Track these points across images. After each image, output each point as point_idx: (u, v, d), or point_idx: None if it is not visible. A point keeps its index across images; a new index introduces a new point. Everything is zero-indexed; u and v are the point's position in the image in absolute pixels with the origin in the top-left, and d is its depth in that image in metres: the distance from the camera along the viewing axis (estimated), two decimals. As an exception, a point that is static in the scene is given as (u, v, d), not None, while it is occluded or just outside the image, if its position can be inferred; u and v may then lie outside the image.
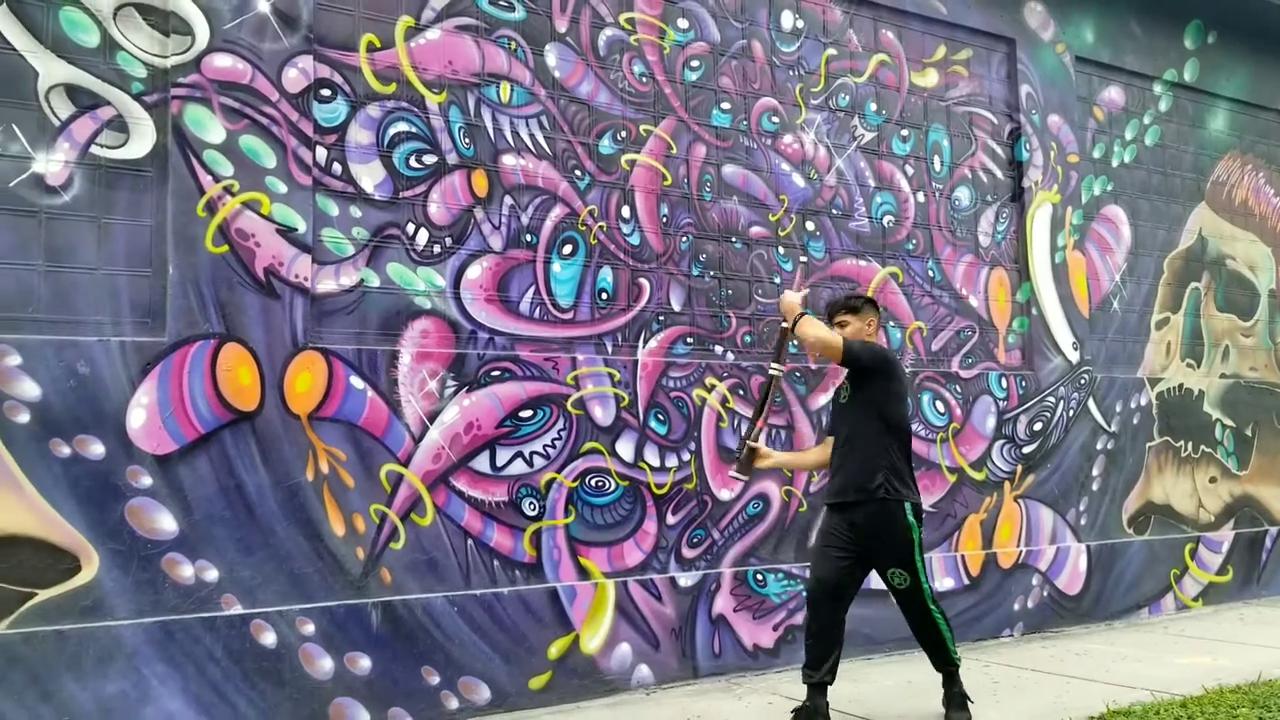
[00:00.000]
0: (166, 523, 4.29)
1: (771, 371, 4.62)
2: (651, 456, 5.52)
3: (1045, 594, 6.88)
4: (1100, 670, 5.66)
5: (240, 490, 4.45)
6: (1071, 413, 7.22)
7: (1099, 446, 7.36)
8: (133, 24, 4.44)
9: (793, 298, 4.56)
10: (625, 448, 5.45)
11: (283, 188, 4.66)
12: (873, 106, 6.63)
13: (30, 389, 4.08)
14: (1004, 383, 6.91)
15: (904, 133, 6.76)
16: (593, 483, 5.33)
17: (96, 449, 4.18)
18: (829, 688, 4.49)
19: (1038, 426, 7.04)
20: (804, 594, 5.06)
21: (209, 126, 4.51)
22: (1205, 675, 5.33)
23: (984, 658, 6.04)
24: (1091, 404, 7.34)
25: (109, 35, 4.39)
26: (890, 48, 6.74)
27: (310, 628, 4.51)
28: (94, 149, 4.34)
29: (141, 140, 4.43)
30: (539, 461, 5.20)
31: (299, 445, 4.60)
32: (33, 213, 4.22)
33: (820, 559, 4.56)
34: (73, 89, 4.32)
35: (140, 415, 4.26)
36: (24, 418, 4.06)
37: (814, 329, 4.40)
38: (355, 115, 4.93)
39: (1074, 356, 7.29)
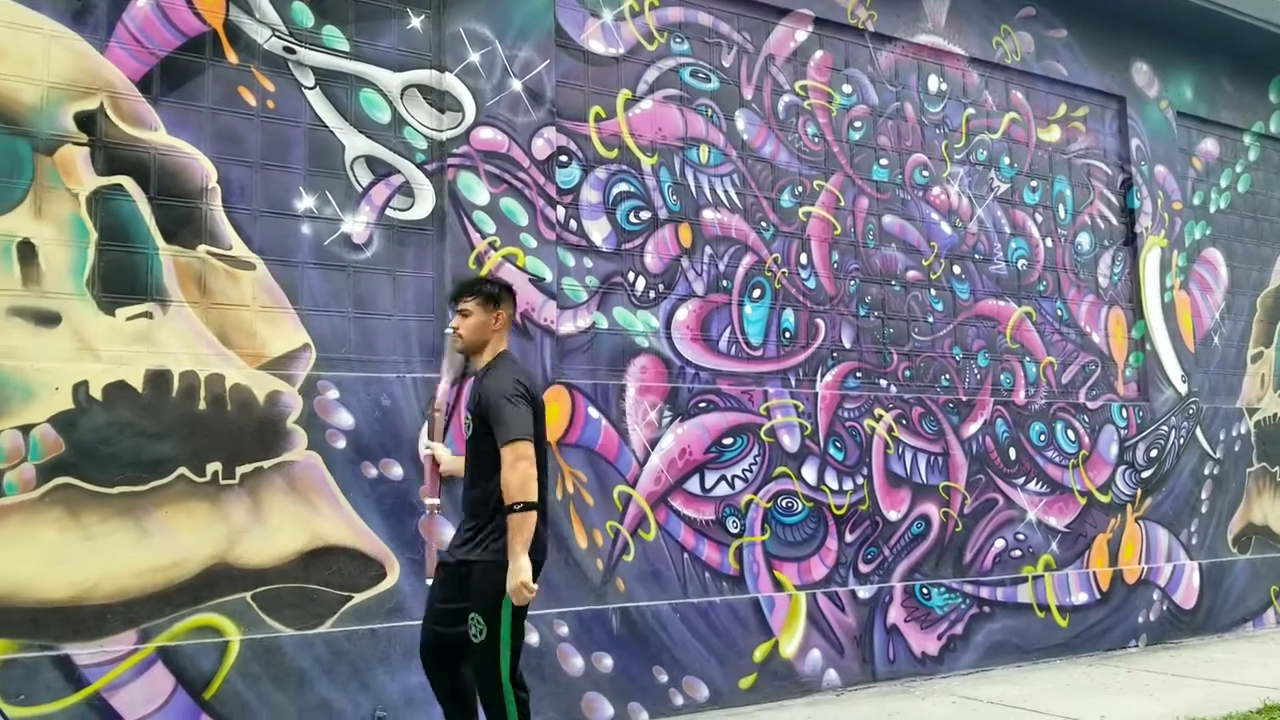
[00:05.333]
0: (451, 535, 4.90)
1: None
2: (831, 480, 6.13)
3: (1164, 608, 7.45)
4: (1235, 674, 6.23)
5: (507, 508, 5.07)
6: (1182, 440, 7.81)
7: (1206, 471, 7.95)
8: (416, 102, 5.11)
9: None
10: (809, 472, 6.06)
11: (533, 242, 5.31)
12: (1006, 160, 7.28)
13: (346, 419, 4.72)
14: (1124, 413, 7.51)
15: (1033, 184, 7.40)
16: (783, 504, 5.94)
17: (396, 471, 4.81)
18: None
19: (1154, 453, 7.63)
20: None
21: (477, 190, 5.18)
22: (1338, 678, 5.91)
23: (1123, 664, 6.61)
24: (1199, 432, 7.94)
25: (398, 112, 5.07)
26: (1020, 107, 7.40)
27: (565, 629, 5.12)
28: (388, 211, 5.01)
29: (424, 203, 5.10)
30: (739, 484, 5.82)
31: (550, 468, 5.22)
32: (343, 267, 4.88)
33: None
34: (371, 159, 4.99)
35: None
36: (341, 444, 4.70)
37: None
38: (586, 178, 5.60)
39: (1183, 388, 7.89)
